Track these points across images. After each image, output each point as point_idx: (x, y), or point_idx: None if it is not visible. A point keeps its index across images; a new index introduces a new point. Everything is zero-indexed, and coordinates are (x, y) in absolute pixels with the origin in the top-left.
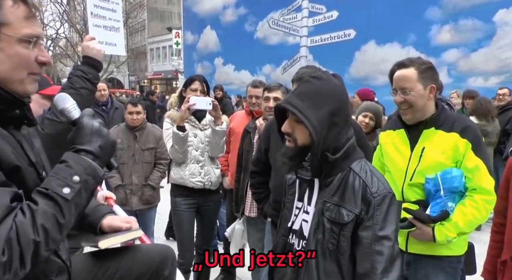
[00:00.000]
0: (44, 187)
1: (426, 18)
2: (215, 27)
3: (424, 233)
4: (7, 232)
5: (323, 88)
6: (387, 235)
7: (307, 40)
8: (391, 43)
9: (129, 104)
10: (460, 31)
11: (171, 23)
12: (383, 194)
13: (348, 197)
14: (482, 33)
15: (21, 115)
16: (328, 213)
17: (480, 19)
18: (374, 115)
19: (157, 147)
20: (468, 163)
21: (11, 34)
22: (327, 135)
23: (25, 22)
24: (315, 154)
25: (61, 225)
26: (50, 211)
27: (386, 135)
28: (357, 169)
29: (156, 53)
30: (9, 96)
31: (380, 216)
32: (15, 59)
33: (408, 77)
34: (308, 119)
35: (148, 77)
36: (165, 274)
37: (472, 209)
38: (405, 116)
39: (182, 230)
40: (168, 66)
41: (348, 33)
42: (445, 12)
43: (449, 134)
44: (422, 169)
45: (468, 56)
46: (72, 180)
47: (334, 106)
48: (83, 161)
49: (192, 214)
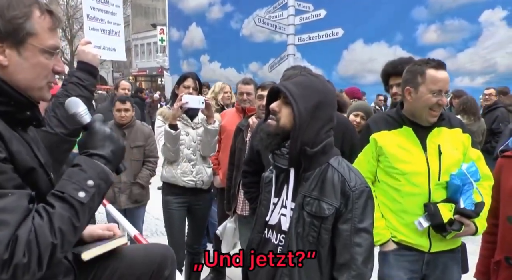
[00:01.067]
0: (59, 191)
1: (413, 18)
2: (200, 24)
3: (470, 228)
4: (27, 235)
5: (317, 84)
6: (365, 228)
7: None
8: (378, 42)
9: (117, 101)
10: (446, 31)
11: (155, 20)
12: (361, 188)
13: (328, 191)
14: (468, 33)
15: (32, 117)
16: (308, 207)
17: (466, 19)
18: (365, 114)
19: (145, 144)
20: (472, 155)
21: (37, 44)
22: (309, 127)
23: (50, 33)
24: (294, 139)
25: (76, 228)
26: (66, 214)
27: (382, 136)
28: (335, 164)
29: (141, 50)
30: (23, 98)
31: (359, 210)
32: (37, 68)
33: (448, 79)
34: (296, 103)
35: (133, 74)
36: (165, 275)
37: (486, 196)
38: (435, 117)
39: (173, 228)
40: (153, 63)
41: (336, 31)
42: (432, 12)
43: (452, 130)
44: (447, 167)
45: (455, 56)
46: (86, 184)
47: (321, 102)
48: (96, 165)
49: (183, 212)
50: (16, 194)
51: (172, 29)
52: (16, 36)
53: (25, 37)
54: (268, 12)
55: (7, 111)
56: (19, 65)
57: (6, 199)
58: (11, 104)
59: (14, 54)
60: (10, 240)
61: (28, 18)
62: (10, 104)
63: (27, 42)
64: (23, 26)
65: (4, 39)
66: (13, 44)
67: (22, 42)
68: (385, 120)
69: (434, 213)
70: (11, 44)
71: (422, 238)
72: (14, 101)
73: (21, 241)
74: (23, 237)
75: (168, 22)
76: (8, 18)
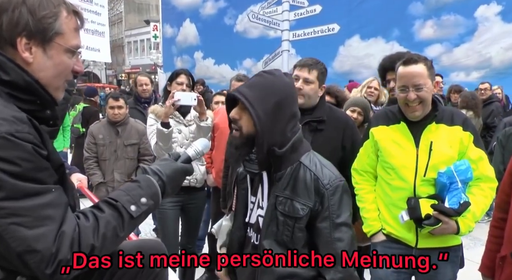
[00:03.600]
0: (113, 199)
1: (409, 13)
2: (194, 20)
3: (449, 226)
4: (72, 232)
5: (273, 82)
6: (344, 222)
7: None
8: (375, 38)
9: (110, 98)
10: (442, 27)
11: (149, 16)
12: (335, 184)
13: (301, 191)
14: (464, 29)
15: (51, 116)
16: (281, 207)
17: (462, 14)
18: (362, 109)
19: (140, 142)
20: (471, 154)
21: (62, 43)
22: (273, 128)
23: (74, 33)
24: (260, 144)
25: (118, 237)
26: (113, 222)
27: (379, 131)
28: (307, 162)
29: (134, 47)
30: (49, 97)
31: (335, 206)
32: (59, 67)
33: (420, 73)
34: (253, 108)
35: (126, 71)
36: (156, 270)
37: (482, 198)
38: (414, 112)
39: (167, 228)
40: (146, 60)
41: (332, 27)
42: (428, 8)
43: (452, 127)
44: (435, 164)
45: (451, 51)
46: (140, 201)
47: (281, 100)
48: (153, 186)
49: (177, 212)
50: (58, 189)
51: (166, 26)
52: (45, 35)
53: (53, 36)
54: (262, 7)
55: (31, 109)
56: (42, 63)
57: (51, 194)
58: (36, 103)
59: (39, 51)
60: (57, 235)
61: (57, 18)
62: (36, 103)
63: (53, 41)
64: (52, 26)
65: (32, 36)
66: (40, 42)
67: (49, 41)
68: (386, 115)
69: (413, 207)
70: (38, 42)
71: (409, 233)
72: (40, 100)
73: (67, 237)
74: (68, 233)
75: (161, 19)
76: (39, 17)
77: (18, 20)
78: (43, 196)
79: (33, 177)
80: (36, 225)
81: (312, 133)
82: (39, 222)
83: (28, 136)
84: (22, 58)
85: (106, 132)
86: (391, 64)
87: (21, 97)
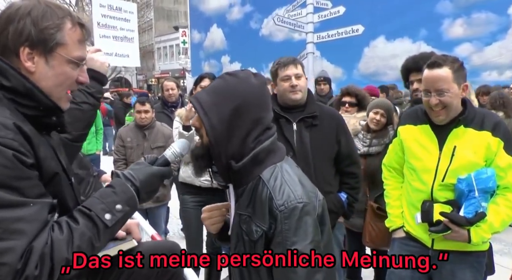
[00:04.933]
0: (87, 208)
1: (437, 12)
2: (221, 25)
3: (460, 235)
4: (42, 247)
5: (234, 86)
6: (299, 251)
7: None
8: (401, 38)
9: (137, 103)
10: (473, 25)
11: (177, 22)
12: (291, 206)
13: (257, 210)
14: (496, 26)
15: (57, 122)
16: (244, 226)
17: (494, 12)
18: (385, 111)
19: (166, 145)
20: (500, 161)
21: (64, 54)
22: (231, 138)
23: (78, 45)
24: (216, 156)
25: (94, 248)
26: (88, 233)
27: (406, 130)
28: (267, 176)
29: (163, 52)
30: (51, 104)
31: (290, 231)
32: (61, 77)
33: (444, 77)
34: (207, 116)
35: (156, 76)
36: (172, 270)
37: (506, 209)
38: (438, 117)
39: (191, 227)
40: (175, 65)
41: (356, 28)
42: (457, 6)
43: (480, 132)
44: (455, 169)
45: (482, 50)
46: (115, 208)
47: (240, 106)
48: (129, 191)
49: (200, 211)
50: (38, 204)
51: (194, 31)
52: (46, 45)
53: (54, 46)
54: (287, 11)
55: (35, 115)
56: (44, 72)
57: (26, 208)
58: (39, 109)
59: (41, 61)
60: (25, 250)
61: (59, 29)
62: (39, 109)
63: (55, 52)
64: (53, 37)
65: (35, 46)
66: (42, 52)
67: (50, 51)
68: (415, 114)
69: (427, 211)
70: (40, 52)
71: (425, 234)
72: (43, 106)
73: (36, 253)
74: (37, 248)
75: (189, 24)
76: (41, 27)
77: (22, 30)
78: (18, 209)
79: (9, 185)
80: (4, 238)
81: (309, 130)
82: (8, 235)
83: (11, 142)
84: (25, 67)
85: (134, 135)
86: (414, 64)
87: (23, 103)
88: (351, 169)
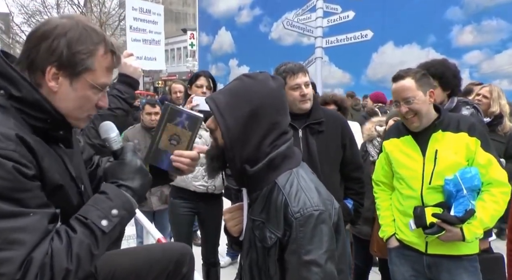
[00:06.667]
0: (83, 216)
1: (447, 19)
2: (230, 28)
3: (454, 234)
4: (42, 257)
5: (252, 88)
6: (314, 260)
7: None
8: (410, 44)
9: (147, 105)
10: (483, 32)
11: (186, 25)
12: (307, 213)
13: (271, 216)
14: (506, 34)
15: (64, 137)
16: (258, 232)
17: (505, 19)
18: None
19: None
20: (480, 159)
21: (90, 80)
22: (246, 141)
23: (106, 72)
24: (231, 159)
25: (93, 255)
26: (86, 241)
27: (390, 143)
28: (282, 182)
29: (171, 55)
30: (60, 118)
31: (305, 239)
32: (82, 101)
33: (408, 87)
34: (223, 117)
35: (163, 78)
36: (183, 272)
37: (492, 203)
38: (412, 124)
39: (181, 235)
40: (182, 68)
41: (365, 34)
42: (467, 12)
43: (458, 134)
44: (440, 171)
45: (492, 57)
46: (110, 213)
47: (257, 109)
48: (122, 195)
49: (191, 218)
50: (38, 214)
51: (202, 34)
52: (75, 69)
53: (82, 71)
54: (296, 15)
55: (42, 127)
56: (66, 93)
57: (26, 218)
58: (47, 122)
59: (66, 83)
60: (24, 261)
61: (91, 55)
62: (47, 121)
63: (82, 76)
64: (84, 62)
65: (62, 68)
66: (69, 74)
67: (78, 75)
68: (397, 128)
69: (419, 216)
70: (67, 74)
71: (418, 239)
72: (51, 120)
73: (35, 263)
74: (37, 259)
75: (198, 27)
76: (74, 51)
77: (54, 50)
78: (17, 219)
79: (9, 197)
80: (2, 248)
81: (315, 136)
82: (6, 245)
83: (12, 153)
84: (48, 86)
85: (141, 137)
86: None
87: (31, 114)
88: (356, 174)
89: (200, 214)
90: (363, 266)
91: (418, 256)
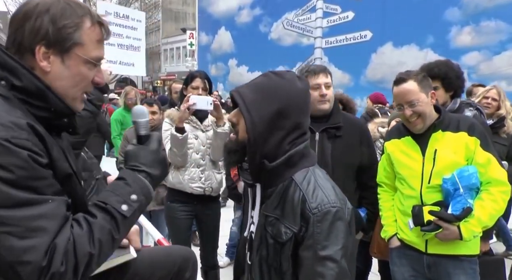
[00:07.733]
0: (102, 201)
1: (445, 19)
2: (229, 28)
3: (451, 232)
4: (65, 244)
5: (279, 86)
6: (330, 256)
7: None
8: (408, 45)
9: (145, 104)
10: (481, 33)
11: (185, 24)
12: (325, 210)
13: (287, 212)
14: (505, 35)
15: (69, 124)
16: (270, 228)
17: (504, 20)
18: None
19: None
20: (479, 158)
21: (81, 54)
22: (269, 138)
23: (96, 44)
24: (251, 154)
25: (114, 240)
26: (107, 226)
27: (392, 144)
28: (300, 178)
29: (170, 54)
30: (63, 105)
31: (322, 235)
32: (77, 78)
33: (411, 90)
34: (249, 113)
35: (162, 78)
36: (186, 276)
37: (490, 202)
38: (415, 126)
39: (178, 238)
40: (181, 67)
41: (364, 34)
42: (465, 13)
43: (457, 134)
44: (439, 170)
45: (490, 59)
46: (130, 198)
47: (284, 108)
48: (140, 181)
49: (190, 221)
50: (56, 200)
51: (201, 33)
52: (63, 44)
53: (71, 46)
54: (296, 15)
55: (46, 117)
56: (60, 72)
57: (46, 205)
58: (51, 111)
59: (57, 61)
60: (49, 248)
61: (78, 28)
62: (50, 110)
63: (72, 51)
64: (71, 36)
65: (51, 45)
66: (59, 51)
67: (67, 51)
68: (398, 129)
69: (417, 214)
70: (57, 51)
71: (418, 238)
72: (54, 108)
73: (60, 250)
74: (61, 245)
75: (197, 27)
76: (59, 26)
77: (39, 29)
78: (37, 206)
79: (27, 185)
80: (26, 236)
81: (331, 141)
82: (30, 233)
83: (25, 142)
84: (40, 66)
85: None
86: (429, 72)
87: (34, 103)
88: (372, 183)
89: (198, 217)
90: (363, 268)
91: (418, 256)
